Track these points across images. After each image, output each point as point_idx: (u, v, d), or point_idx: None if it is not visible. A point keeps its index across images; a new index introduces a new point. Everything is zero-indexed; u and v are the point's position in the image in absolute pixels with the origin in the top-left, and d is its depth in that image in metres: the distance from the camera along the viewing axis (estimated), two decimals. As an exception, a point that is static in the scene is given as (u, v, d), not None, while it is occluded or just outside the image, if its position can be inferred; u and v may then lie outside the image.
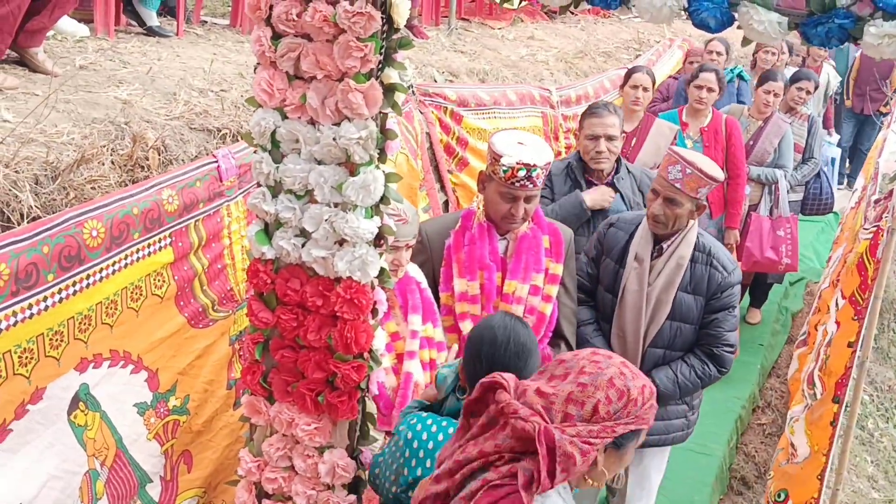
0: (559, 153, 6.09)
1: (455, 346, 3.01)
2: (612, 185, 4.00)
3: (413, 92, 4.76)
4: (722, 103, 5.93)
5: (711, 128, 5.34)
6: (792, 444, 4.57)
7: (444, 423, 2.30)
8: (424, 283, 3.00)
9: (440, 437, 2.26)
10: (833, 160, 8.86)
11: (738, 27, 1.87)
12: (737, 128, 5.37)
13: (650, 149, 5.07)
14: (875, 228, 4.14)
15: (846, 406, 4.11)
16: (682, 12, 1.90)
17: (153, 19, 4.66)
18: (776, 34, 1.82)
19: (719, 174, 3.24)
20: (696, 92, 5.29)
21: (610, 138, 3.96)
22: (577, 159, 4.09)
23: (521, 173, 2.93)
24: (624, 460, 1.80)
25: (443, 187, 4.96)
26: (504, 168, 2.94)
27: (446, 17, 6.94)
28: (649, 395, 1.75)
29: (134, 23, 4.75)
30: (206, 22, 5.23)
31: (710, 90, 5.25)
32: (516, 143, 3.02)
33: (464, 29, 6.99)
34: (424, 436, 2.28)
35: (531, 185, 2.98)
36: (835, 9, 1.78)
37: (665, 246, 3.27)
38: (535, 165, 2.94)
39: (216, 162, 3.06)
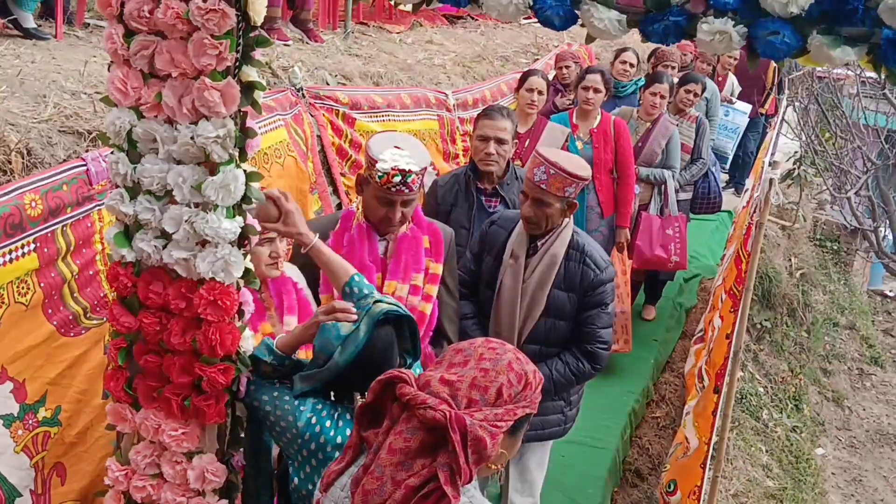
0: (457, 156, 6.15)
1: None
2: (497, 191, 4.06)
3: (303, 94, 4.73)
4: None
5: (601, 129, 5.45)
6: (686, 438, 4.71)
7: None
8: (302, 284, 2.98)
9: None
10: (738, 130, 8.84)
11: (582, 25, 1.92)
12: (625, 129, 5.50)
13: (542, 151, 5.15)
14: (749, 223, 4.31)
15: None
16: (528, 10, 1.94)
17: (29, 21, 4.51)
18: (616, 31, 1.88)
19: (584, 172, 3.28)
20: (583, 93, 5.40)
21: (500, 141, 4.01)
22: (469, 169, 4.13)
23: (397, 179, 2.92)
24: (517, 445, 1.85)
25: (335, 190, 4.93)
26: (379, 174, 2.93)
27: (343, 20, 6.92)
28: (539, 381, 1.81)
29: (10, 25, 4.59)
30: (88, 24, 5.08)
31: (596, 91, 5.37)
32: (392, 147, 2.99)
33: (361, 33, 6.99)
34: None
35: (407, 190, 2.98)
36: (669, 6, 1.84)
37: (540, 244, 3.33)
38: (409, 171, 2.93)
39: (85, 165, 2.98)
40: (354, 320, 2.30)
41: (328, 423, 2.30)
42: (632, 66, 6.96)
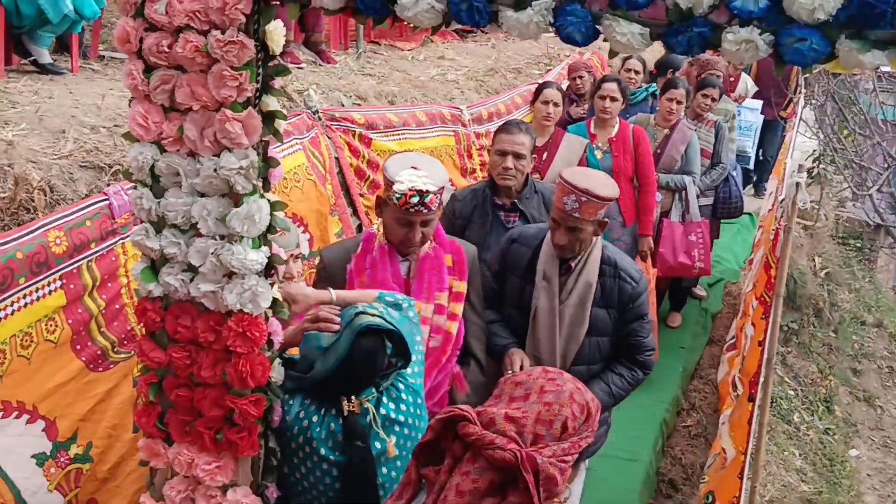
0: (474, 170, 6.13)
1: None
2: (517, 206, 4.04)
3: (319, 117, 4.73)
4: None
5: (619, 138, 5.42)
6: (723, 449, 4.64)
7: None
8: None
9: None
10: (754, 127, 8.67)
11: (604, 40, 1.90)
12: (644, 137, 5.46)
13: (561, 163, 5.13)
14: (777, 228, 4.25)
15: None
16: (549, 28, 1.91)
17: (45, 57, 4.54)
18: (639, 45, 1.85)
19: (614, 192, 3.21)
20: (600, 102, 5.38)
21: (518, 156, 3.99)
22: (487, 185, 4.11)
23: (415, 200, 2.90)
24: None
25: (355, 211, 4.92)
26: (397, 195, 2.91)
27: (355, 40, 6.93)
28: (597, 409, 1.80)
29: (27, 62, 4.62)
30: (103, 57, 5.12)
31: (613, 99, 5.34)
32: (409, 168, 2.97)
33: (373, 52, 6.99)
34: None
35: (426, 210, 2.95)
36: (693, 18, 1.81)
37: (573, 264, 3.27)
38: (427, 192, 2.90)
39: (107, 199, 2.99)
40: (337, 331, 2.40)
41: (315, 419, 2.43)
42: (637, 73, 6.92)
